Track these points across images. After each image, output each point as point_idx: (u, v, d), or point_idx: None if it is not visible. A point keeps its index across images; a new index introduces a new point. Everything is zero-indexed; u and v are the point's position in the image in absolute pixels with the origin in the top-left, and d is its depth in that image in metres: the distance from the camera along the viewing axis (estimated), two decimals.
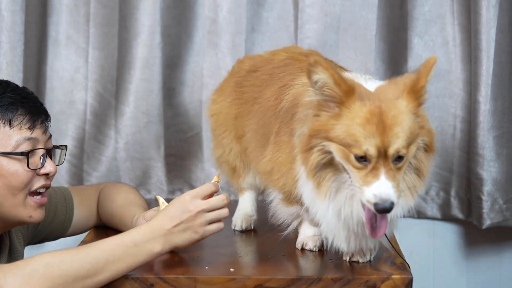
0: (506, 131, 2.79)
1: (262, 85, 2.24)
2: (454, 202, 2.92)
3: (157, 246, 1.95)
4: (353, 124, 1.80)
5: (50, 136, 2.14)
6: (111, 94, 2.94)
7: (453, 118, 2.88)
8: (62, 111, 2.94)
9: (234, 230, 2.38)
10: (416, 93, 1.84)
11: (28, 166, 2.04)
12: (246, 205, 2.40)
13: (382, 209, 1.79)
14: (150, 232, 1.97)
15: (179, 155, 2.98)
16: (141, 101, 2.92)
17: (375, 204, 1.79)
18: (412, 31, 2.88)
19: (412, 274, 1.95)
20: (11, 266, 1.87)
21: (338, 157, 1.84)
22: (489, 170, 2.78)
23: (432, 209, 2.94)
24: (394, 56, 2.88)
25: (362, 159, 1.80)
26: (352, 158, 1.81)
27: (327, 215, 1.93)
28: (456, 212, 2.92)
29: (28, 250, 2.32)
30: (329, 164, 1.88)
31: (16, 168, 2.04)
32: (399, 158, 1.81)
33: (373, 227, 1.87)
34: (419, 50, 2.88)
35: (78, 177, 2.96)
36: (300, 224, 2.14)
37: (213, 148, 2.47)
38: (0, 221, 2.08)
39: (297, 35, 2.87)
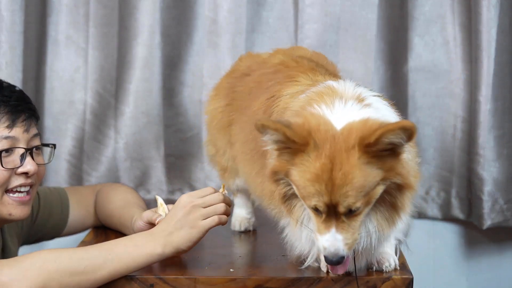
0: (507, 131, 2.78)
1: (251, 94, 2.19)
2: (454, 202, 2.91)
3: (158, 248, 1.95)
4: (304, 179, 1.76)
5: (36, 134, 2.12)
6: (111, 94, 2.93)
7: (454, 118, 2.87)
8: (61, 111, 2.94)
9: (234, 230, 2.38)
10: (366, 148, 1.73)
11: (1, 165, 2.03)
12: (240, 208, 2.40)
13: (330, 263, 1.79)
14: (150, 235, 1.97)
15: (179, 155, 2.97)
16: (141, 101, 2.92)
17: (325, 257, 1.79)
18: (413, 31, 2.88)
19: (412, 274, 1.95)
20: (9, 260, 1.89)
21: (299, 196, 1.82)
22: (489, 170, 2.77)
23: (433, 209, 2.94)
24: (394, 56, 2.88)
25: (316, 209, 1.78)
26: None
27: (301, 241, 1.91)
28: (457, 212, 2.92)
29: (28, 250, 2.32)
30: None
31: None
32: (352, 210, 1.77)
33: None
34: (419, 50, 2.88)
35: (77, 177, 2.96)
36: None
37: (207, 144, 2.43)
38: None
39: (297, 35, 2.86)
